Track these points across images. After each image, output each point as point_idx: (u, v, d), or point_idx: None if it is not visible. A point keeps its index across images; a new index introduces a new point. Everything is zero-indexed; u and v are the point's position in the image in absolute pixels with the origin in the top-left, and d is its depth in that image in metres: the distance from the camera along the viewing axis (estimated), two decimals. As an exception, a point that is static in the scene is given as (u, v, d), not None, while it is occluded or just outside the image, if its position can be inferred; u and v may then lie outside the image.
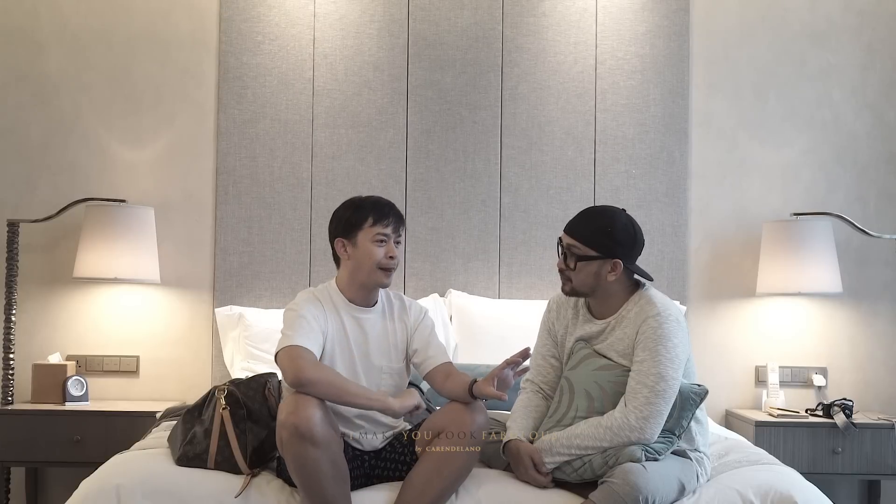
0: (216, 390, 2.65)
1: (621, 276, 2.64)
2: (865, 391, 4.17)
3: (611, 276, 2.62)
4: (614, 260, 2.62)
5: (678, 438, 2.55)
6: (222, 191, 4.08)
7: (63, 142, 4.08)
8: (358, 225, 2.64)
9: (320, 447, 2.32)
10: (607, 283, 2.64)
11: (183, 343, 4.08)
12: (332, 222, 2.72)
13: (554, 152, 4.16)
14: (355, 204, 2.69)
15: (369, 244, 2.62)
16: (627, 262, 2.64)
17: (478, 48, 4.16)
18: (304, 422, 2.31)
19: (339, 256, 2.69)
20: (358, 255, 2.63)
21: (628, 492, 2.31)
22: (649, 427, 2.47)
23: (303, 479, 2.35)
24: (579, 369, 2.66)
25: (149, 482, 2.45)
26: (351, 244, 2.65)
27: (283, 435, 2.34)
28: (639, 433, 2.46)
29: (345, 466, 2.41)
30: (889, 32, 4.25)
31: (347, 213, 2.67)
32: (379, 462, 2.62)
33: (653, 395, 2.48)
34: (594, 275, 2.63)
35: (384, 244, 2.64)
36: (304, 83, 4.11)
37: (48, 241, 4.04)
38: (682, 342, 2.56)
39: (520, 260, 4.13)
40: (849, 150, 4.22)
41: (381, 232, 2.63)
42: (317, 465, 2.32)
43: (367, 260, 2.62)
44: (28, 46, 4.10)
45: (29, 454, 3.70)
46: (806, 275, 3.92)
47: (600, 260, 2.62)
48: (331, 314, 2.62)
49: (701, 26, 4.23)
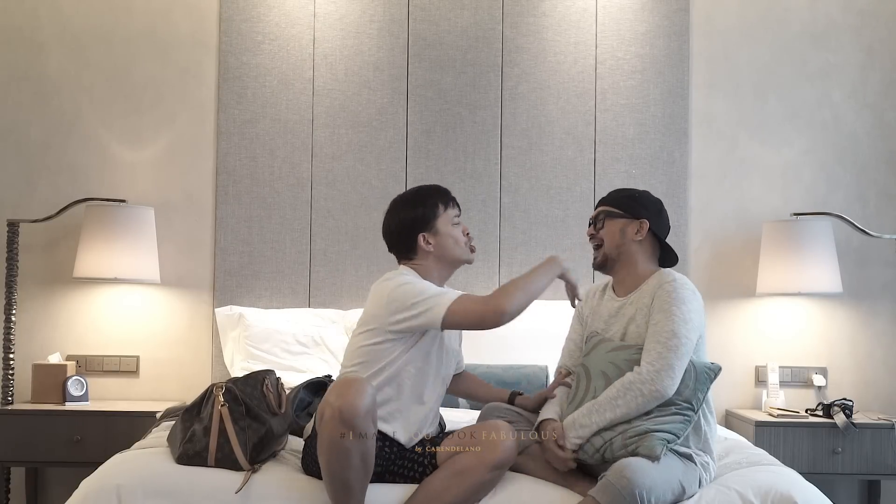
0: (214, 388, 2.65)
1: (647, 244, 2.73)
2: (865, 391, 4.17)
3: (637, 237, 2.70)
4: (640, 220, 2.70)
5: (695, 414, 2.52)
6: (222, 191, 4.08)
7: (63, 142, 4.08)
8: (434, 215, 2.71)
9: (357, 437, 2.33)
10: (633, 246, 2.71)
11: (183, 343, 4.08)
12: (402, 224, 2.72)
13: (554, 152, 4.16)
14: (417, 199, 2.75)
15: (450, 227, 2.73)
16: (653, 226, 2.71)
17: (478, 48, 4.16)
18: (349, 408, 2.31)
19: (415, 253, 2.73)
20: (443, 241, 2.71)
21: (625, 485, 2.30)
22: (661, 379, 2.46)
23: (330, 462, 2.35)
24: (593, 354, 2.68)
25: (149, 481, 2.45)
26: (432, 234, 2.71)
27: (326, 413, 2.34)
28: (650, 385, 2.46)
29: (372, 462, 2.41)
30: (889, 32, 4.25)
31: (418, 210, 2.72)
32: (399, 460, 2.60)
33: (665, 350, 2.49)
34: (620, 232, 2.71)
35: (459, 224, 2.76)
36: (304, 83, 4.12)
37: (48, 241, 4.04)
38: (696, 309, 2.58)
39: (520, 260, 4.13)
40: (849, 150, 4.23)
41: (455, 214, 2.76)
42: (348, 454, 2.33)
43: (454, 242, 2.73)
44: (28, 46, 4.10)
45: (29, 454, 3.70)
46: (806, 275, 3.92)
47: (626, 218, 2.72)
48: None
49: (701, 26, 4.23)
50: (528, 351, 3.78)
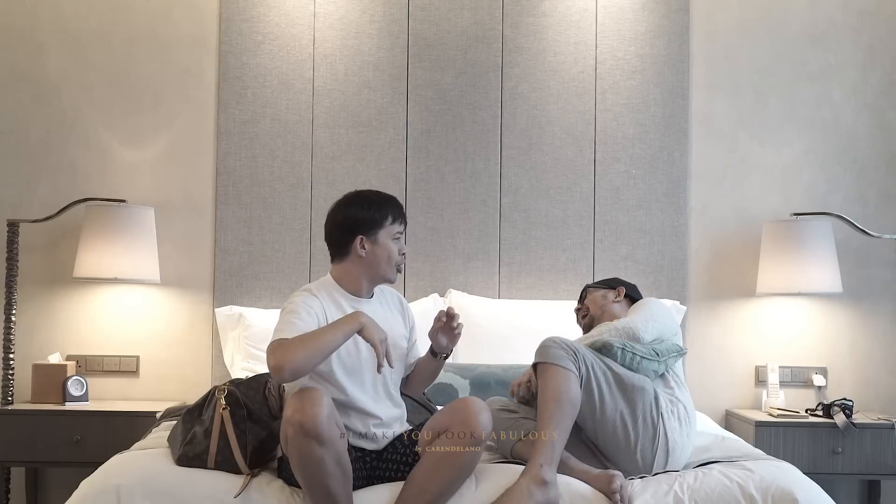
0: (216, 390, 2.65)
1: (625, 303, 3.10)
2: (865, 391, 4.17)
3: (616, 300, 3.09)
4: (618, 288, 3.11)
5: (660, 364, 2.79)
6: (222, 191, 4.08)
7: (63, 142, 4.08)
8: (380, 223, 2.67)
9: (325, 445, 2.32)
10: (613, 306, 3.07)
11: (183, 343, 4.08)
12: (346, 219, 2.68)
13: (554, 152, 4.16)
14: (371, 201, 2.70)
15: (389, 242, 2.68)
16: (629, 291, 3.12)
17: (478, 48, 4.16)
18: (309, 419, 2.30)
19: (345, 252, 2.68)
20: (377, 251, 2.66)
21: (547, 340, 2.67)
22: (634, 322, 2.84)
23: (307, 477, 2.35)
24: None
25: (149, 482, 2.45)
26: (371, 241, 2.66)
27: (289, 432, 2.33)
28: (622, 323, 2.85)
29: (349, 465, 2.41)
30: (889, 32, 4.25)
31: (370, 212, 2.68)
32: (380, 463, 2.62)
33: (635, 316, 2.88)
34: (602, 297, 3.10)
35: (398, 241, 2.71)
36: (304, 83, 4.12)
37: (48, 241, 4.04)
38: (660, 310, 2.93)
39: (520, 260, 4.13)
40: (849, 150, 4.22)
41: (399, 230, 2.70)
42: (321, 463, 2.32)
43: (387, 256, 2.67)
44: (28, 46, 4.10)
45: (29, 454, 3.70)
46: (806, 275, 3.92)
47: (606, 289, 3.13)
48: (329, 304, 2.63)
49: (701, 26, 4.23)
50: (529, 351, 3.75)
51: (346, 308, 2.64)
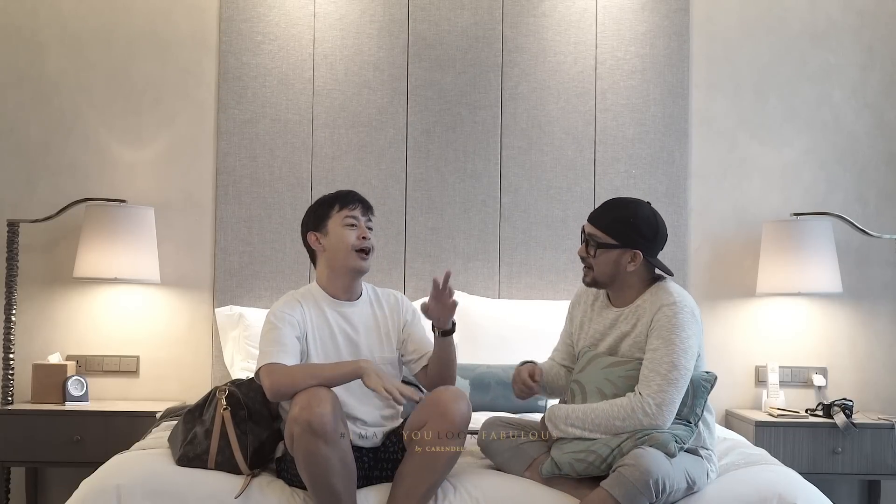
0: (217, 391, 2.65)
1: (641, 267, 2.64)
2: (865, 391, 4.17)
3: (630, 267, 2.63)
4: (634, 251, 2.62)
5: (695, 427, 2.54)
6: (222, 191, 4.08)
7: (63, 142, 4.08)
8: (326, 215, 2.70)
9: (331, 444, 2.33)
10: (626, 274, 2.64)
11: (183, 343, 4.08)
12: (302, 225, 2.78)
13: (554, 152, 4.16)
14: (320, 200, 2.77)
15: (340, 229, 2.67)
16: (648, 254, 2.64)
17: (478, 48, 4.16)
18: (317, 418, 2.31)
19: (314, 254, 2.74)
20: (331, 242, 2.67)
21: (638, 476, 2.29)
22: (661, 414, 2.45)
23: (312, 476, 2.35)
24: (588, 370, 2.66)
25: (149, 482, 2.45)
26: (322, 234, 2.70)
27: (295, 430, 2.34)
28: (651, 419, 2.45)
29: (353, 464, 2.41)
30: (889, 32, 4.25)
31: (314, 209, 2.75)
32: (377, 463, 2.63)
33: (665, 384, 2.47)
34: (613, 263, 2.63)
35: (355, 227, 2.68)
36: (304, 83, 4.11)
37: (48, 241, 4.04)
38: (695, 334, 2.56)
39: (520, 260, 4.13)
40: (849, 150, 4.23)
41: (350, 215, 2.68)
42: (327, 461, 2.33)
43: (341, 244, 2.66)
44: (28, 46, 4.10)
45: (29, 454, 3.70)
46: (806, 275, 3.92)
47: (620, 249, 2.62)
48: (312, 311, 2.64)
49: (701, 26, 4.23)
50: (529, 351, 3.77)
51: (328, 315, 2.65)
